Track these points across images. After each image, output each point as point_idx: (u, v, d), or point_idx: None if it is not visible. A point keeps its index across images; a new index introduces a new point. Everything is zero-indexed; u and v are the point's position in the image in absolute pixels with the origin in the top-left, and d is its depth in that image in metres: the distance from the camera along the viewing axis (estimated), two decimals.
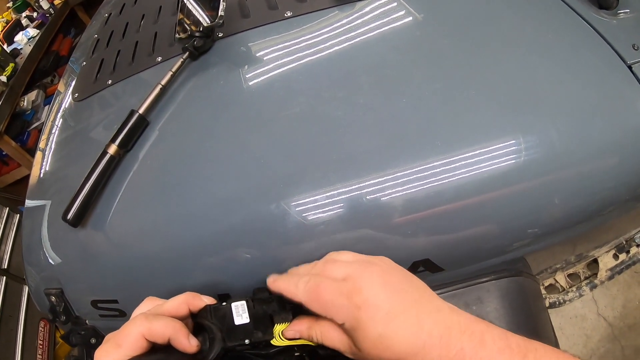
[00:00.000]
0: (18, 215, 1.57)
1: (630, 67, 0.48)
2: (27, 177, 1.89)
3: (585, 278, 1.02)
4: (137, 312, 0.38)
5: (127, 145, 0.55)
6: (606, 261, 0.99)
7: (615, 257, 1.00)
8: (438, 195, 0.46)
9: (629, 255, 1.00)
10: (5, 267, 1.44)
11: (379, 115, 0.50)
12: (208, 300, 0.39)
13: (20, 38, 2.15)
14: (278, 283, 0.39)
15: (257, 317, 0.38)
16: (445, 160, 0.46)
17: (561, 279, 1.04)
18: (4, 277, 1.39)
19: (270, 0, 0.70)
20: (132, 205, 0.54)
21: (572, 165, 0.46)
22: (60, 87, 0.91)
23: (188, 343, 0.33)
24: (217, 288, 0.49)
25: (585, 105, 0.47)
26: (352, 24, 0.62)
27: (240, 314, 0.38)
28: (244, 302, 0.38)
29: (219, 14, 0.57)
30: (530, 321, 0.53)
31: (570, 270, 1.03)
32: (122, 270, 0.53)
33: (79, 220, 0.53)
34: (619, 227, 0.76)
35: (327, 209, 0.46)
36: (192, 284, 0.49)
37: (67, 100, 0.81)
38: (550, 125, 0.46)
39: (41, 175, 0.72)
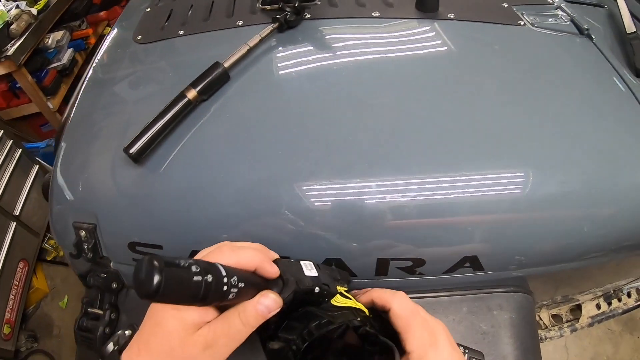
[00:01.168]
0: (20, 150, 1.51)
1: None
2: (34, 115, 1.83)
3: (567, 321, 1.08)
4: (204, 252, 0.37)
5: (206, 94, 0.54)
6: (589, 309, 1.05)
7: (598, 307, 1.05)
8: (499, 202, 0.49)
9: (610, 307, 1.05)
10: None
11: (459, 122, 0.53)
12: (274, 255, 0.40)
13: None
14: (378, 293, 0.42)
15: (322, 275, 0.40)
16: (507, 174, 0.50)
17: (545, 316, 1.09)
18: None
19: None
20: (197, 154, 0.53)
21: (600, 203, 0.51)
22: (115, 27, 0.89)
23: (273, 269, 0.36)
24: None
25: (609, 156, 0.52)
26: (436, 37, 0.65)
27: (309, 269, 0.40)
28: (311, 262, 0.41)
29: None
30: (535, 336, 0.59)
31: (554, 311, 1.08)
32: (175, 217, 0.51)
33: (141, 155, 0.51)
34: (603, 277, 0.84)
35: (404, 195, 0.47)
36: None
37: (127, 41, 0.79)
38: (583, 165, 0.51)
39: (86, 109, 0.70)
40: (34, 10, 1.85)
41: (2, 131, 1.46)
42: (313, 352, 0.37)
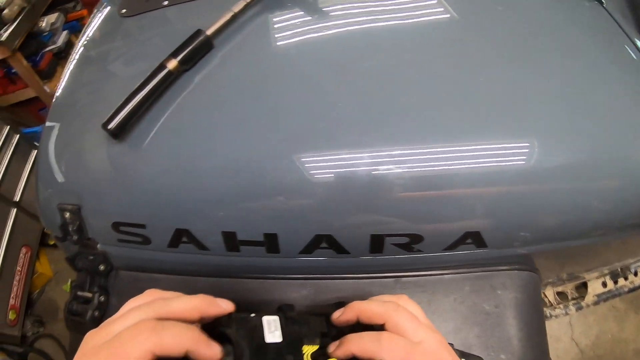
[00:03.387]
0: (17, 135, 1.50)
1: None
2: (32, 99, 1.81)
3: (573, 299, 1.07)
4: (132, 304, 0.31)
5: (188, 64, 0.51)
6: (595, 287, 1.02)
7: (604, 284, 1.02)
8: (502, 174, 0.46)
9: (616, 285, 1.03)
10: None
11: (457, 87, 0.49)
12: (226, 305, 0.32)
13: None
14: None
15: (289, 338, 0.33)
16: (510, 143, 0.46)
17: (550, 294, 1.08)
18: None
19: None
20: (179, 127, 0.50)
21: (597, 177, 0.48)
22: (102, 2, 0.86)
23: (212, 352, 0.28)
24: (260, 229, 0.46)
25: (619, 126, 0.48)
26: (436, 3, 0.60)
27: (273, 331, 0.32)
28: (277, 318, 0.33)
29: None
30: (541, 316, 0.56)
31: (560, 289, 1.06)
32: (158, 195, 0.48)
33: (120, 131, 0.48)
34: (609, 255, 0.83)
35: (399, 166, 0.44)
36: (233, 222, 0.46)
37: (112, 15, 0.76)
38: (590, 135, 0.47)
39: (71, 87, 0.67)
40: None
41: None
42: None
